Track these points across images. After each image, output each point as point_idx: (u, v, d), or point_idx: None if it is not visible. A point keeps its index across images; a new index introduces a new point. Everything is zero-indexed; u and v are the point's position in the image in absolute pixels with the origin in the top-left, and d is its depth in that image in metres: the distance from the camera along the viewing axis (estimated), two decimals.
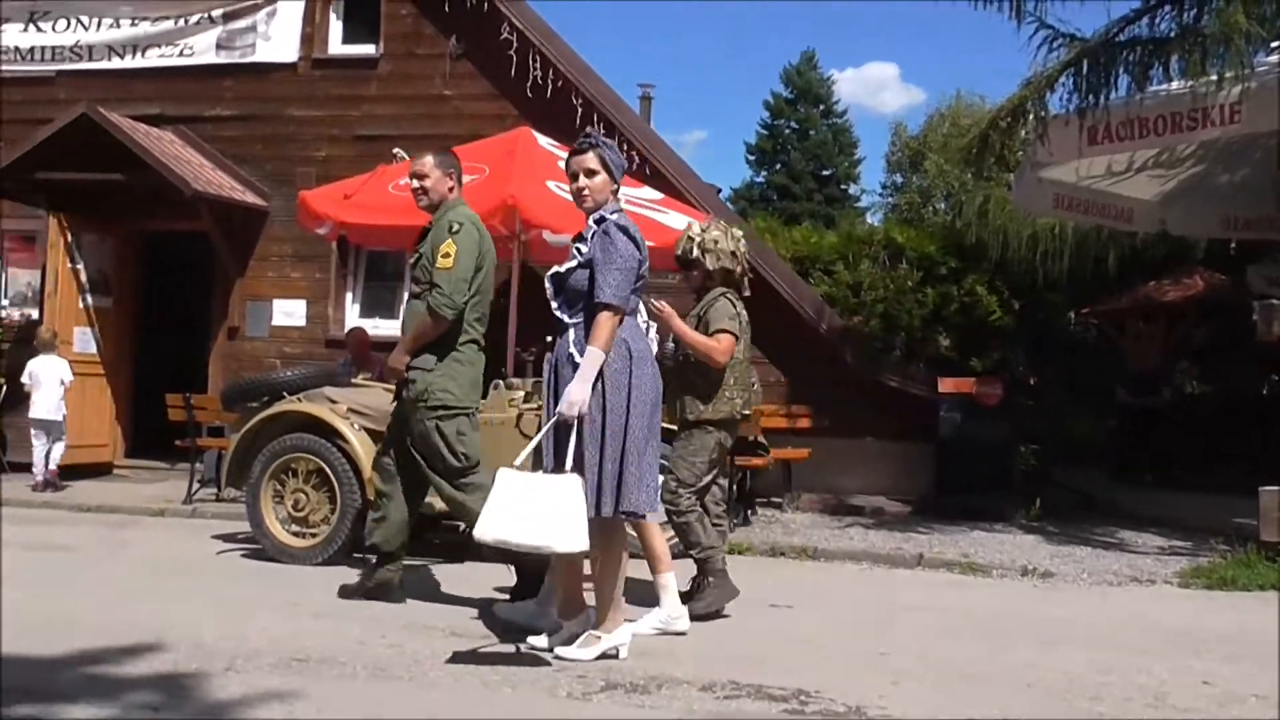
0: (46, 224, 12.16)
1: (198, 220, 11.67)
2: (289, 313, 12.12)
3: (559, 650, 4.94)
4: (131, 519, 9.48)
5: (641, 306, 5.07)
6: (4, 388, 12.23)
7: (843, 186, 42.30)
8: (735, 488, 9.34)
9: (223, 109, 12.43)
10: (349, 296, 12.14)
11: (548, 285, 5.02)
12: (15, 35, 12.96)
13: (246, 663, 4.76)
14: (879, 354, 11.57)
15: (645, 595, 5.81)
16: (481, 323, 6.07)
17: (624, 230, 4.91)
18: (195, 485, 10.42)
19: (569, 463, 4.71)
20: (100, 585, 6.55)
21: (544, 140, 9.73)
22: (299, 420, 7.70)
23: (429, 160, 5.91)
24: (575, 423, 4.74)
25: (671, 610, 5.52)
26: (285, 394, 7.85)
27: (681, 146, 56.62)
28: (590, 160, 5.02)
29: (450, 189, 5.92)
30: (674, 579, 5.58)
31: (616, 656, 4.95)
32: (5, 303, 13.12)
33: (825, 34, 60.64)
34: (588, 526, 4.60)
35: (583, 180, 5.02)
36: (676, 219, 9.26)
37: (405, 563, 6.43)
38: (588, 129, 5.42)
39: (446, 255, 5.92)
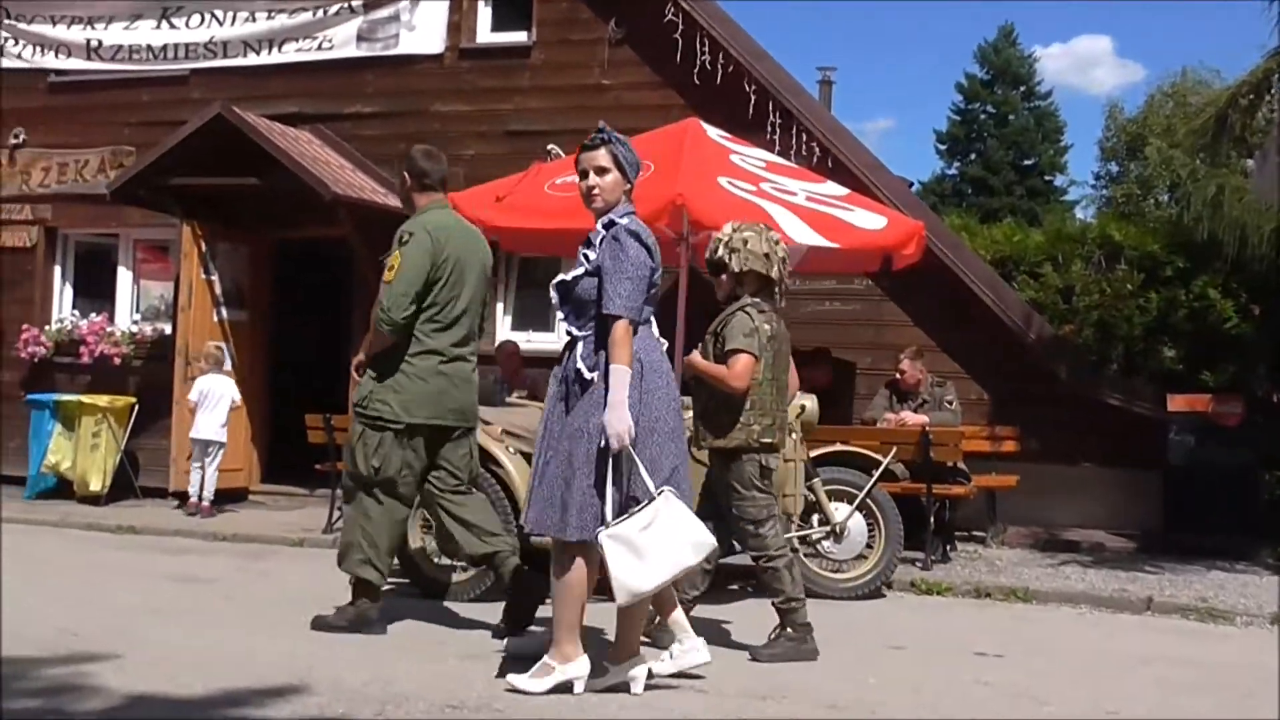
0: (179, 232, 12.66)
1: (336, 226, 12.02)
2: None
3: (510, 679, 5.07)
4: (269, 549, 9.80)
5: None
6: (135, 408, 12.78)
7: (1047, 178, 41.41)
8: (933, 520, 9.21)
9: (363, 106, 12.80)
10: (499, 307, 12.33)
11: (553, 294, 5.16)
12: (147, 33, 13.58)
13: (396, 709, 4.85)
14: (1095, 367, 11.27)
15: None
16: (449, 333, 6.28)
17: (635, 236, 5.01)
18: (336, 513, 10.71)
19: (650, 486, 4.85)
20: (239, 620, 6.77)
21: (714, 132, 9.75)
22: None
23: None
24: (632, 444, 4.86)
25: (683, 644, 5.45)
26: None
27: (864, 136, 56.20)
28: (601, 157, 5.16)
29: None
30: (680, 614, 5.54)
31: (628, 690, 5.05)
32: (137, 317, 13.74)
33: (1026, 6, 59.51)
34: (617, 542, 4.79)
35: (593, 179, 5.14)
36: (866, 218, 9.17)
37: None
38: (602, 124, 5.43)
39: (390, 268, 6.20)
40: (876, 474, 8.23)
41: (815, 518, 8.11)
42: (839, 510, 8.12)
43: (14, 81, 14.14)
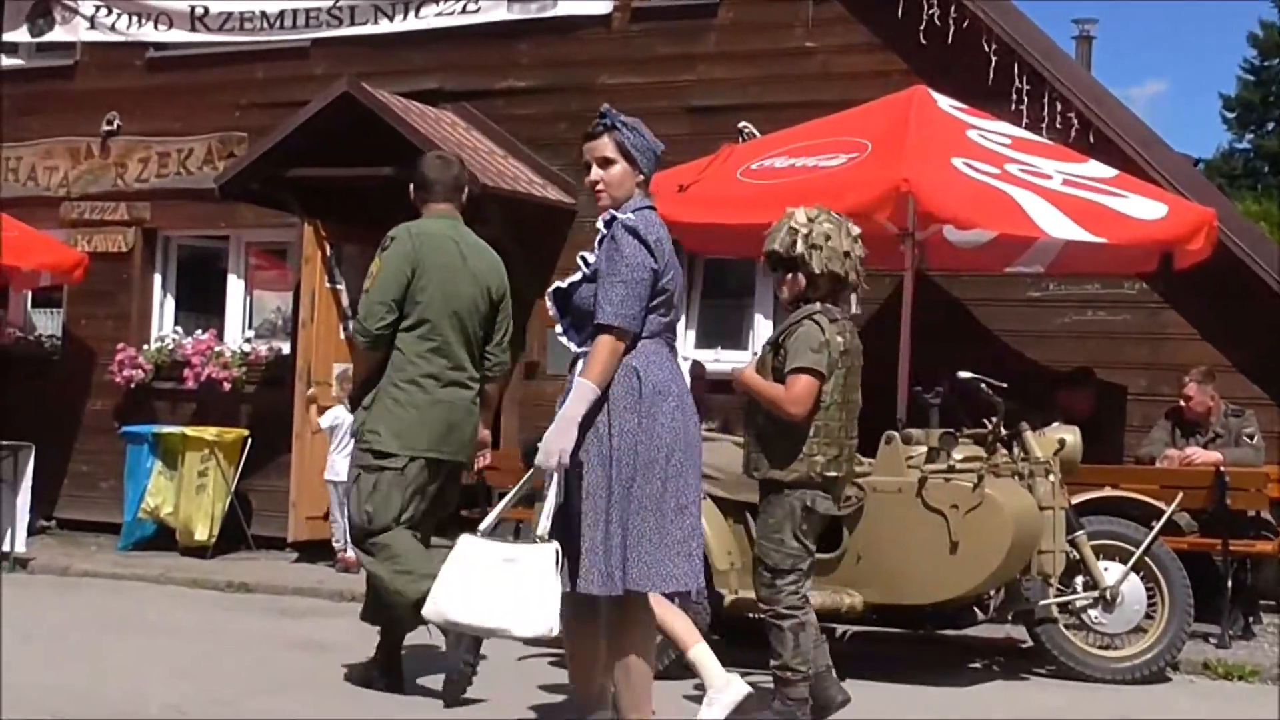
0: (300, 233, 13.04)
1: (485, 223, 12.17)
2: None
3: None
4: None
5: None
6: (248, 442, 13.18)
7: None
8: (1231, 584, 9.00)
9: (517, 80, 13.06)
10: (681, 321, 12.43)
11: (549, 304, 5.34)
12: None
13: None
14: None
15: None
16: (441, 353, 6.74)
17: (634, 233, 5.12)
18: None
19: (544, 526, 5.01)
20: (368, 695, 6.94)
21: (945, 102, 9.71)
22: None
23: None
24: (557, 476, 5.03)
25: (715, 683, 5.82)
26: None
27: (1132, 103, 54.99)
28: (604, 146, 5.33)
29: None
30: (705, 650, 5.92)
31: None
32: (250, 334, 14.19)
33: None
34: (572, 607, 5.07)
35: (596, 172, 5.30)
36: (1140, 205, 9.03)
37: None
38: (606, 107, 5.63)
39: (369, 275, 6.72)
40: (1157, 526, 8.08)
41: (1079, 580, 8.01)
42: (1109, 571, 7.99)
43: (106, 57, 14.79)
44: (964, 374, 8.21)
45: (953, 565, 7.50)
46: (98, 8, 14.70)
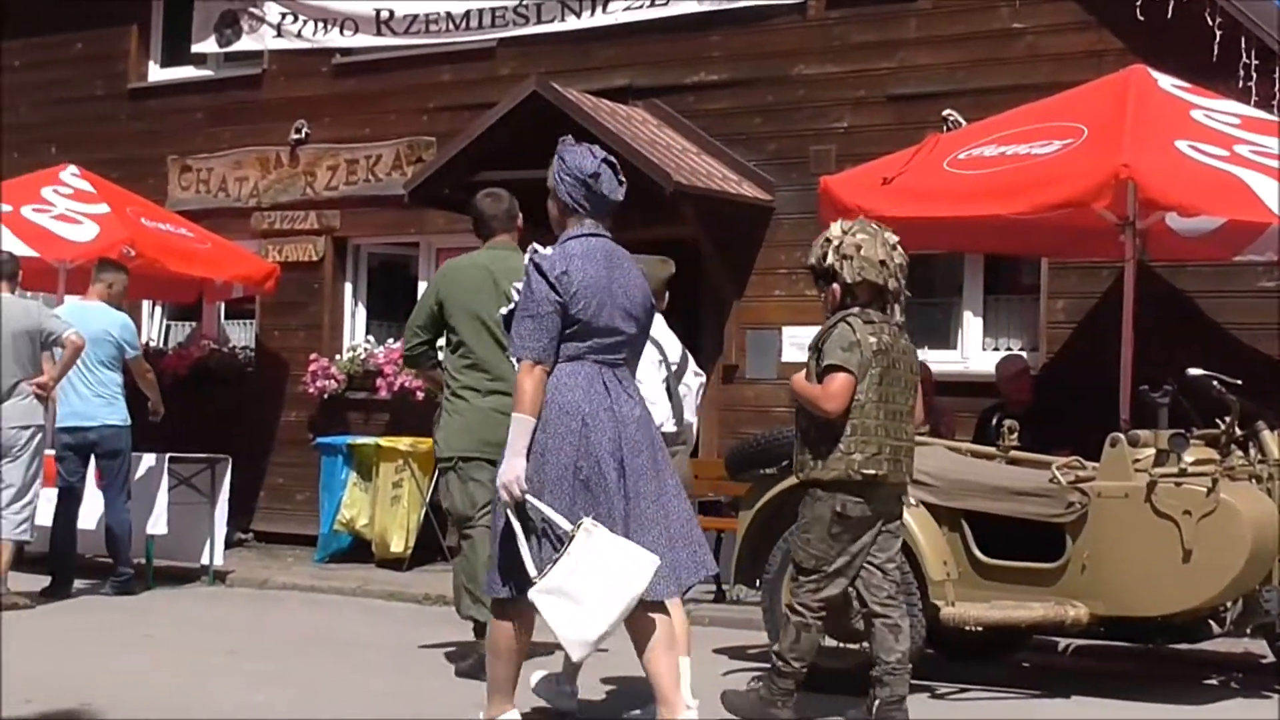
0: None
1: (679, 224, 12.21)
2: (803, 344, 12.27)
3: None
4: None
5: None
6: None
7: None
8: None
9: (708, 73, 13.01)
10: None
11: (503, 328, 6.07)
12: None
13: None
14: None
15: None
16: (478, 369, 7.84)
17: (537, 268, 5.76)
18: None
19: (566, 526, 5.60)
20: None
21: (1166, 81, 9.44)
22: None
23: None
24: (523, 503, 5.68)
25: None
26: None
27: None
28: (549, 178, 6.09)
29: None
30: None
31: None
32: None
33: None
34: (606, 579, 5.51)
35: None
36: None
37: None
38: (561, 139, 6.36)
39: None
40: None
41: None
42: None
43: (294, 65, 15.08)
44: (1194, 371, 8.01)
45: (1185, 575, 7.32)
46: (284, 15, 14.97)
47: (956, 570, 7.65)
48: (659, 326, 7.22)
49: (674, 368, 7.40)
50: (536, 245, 5.90)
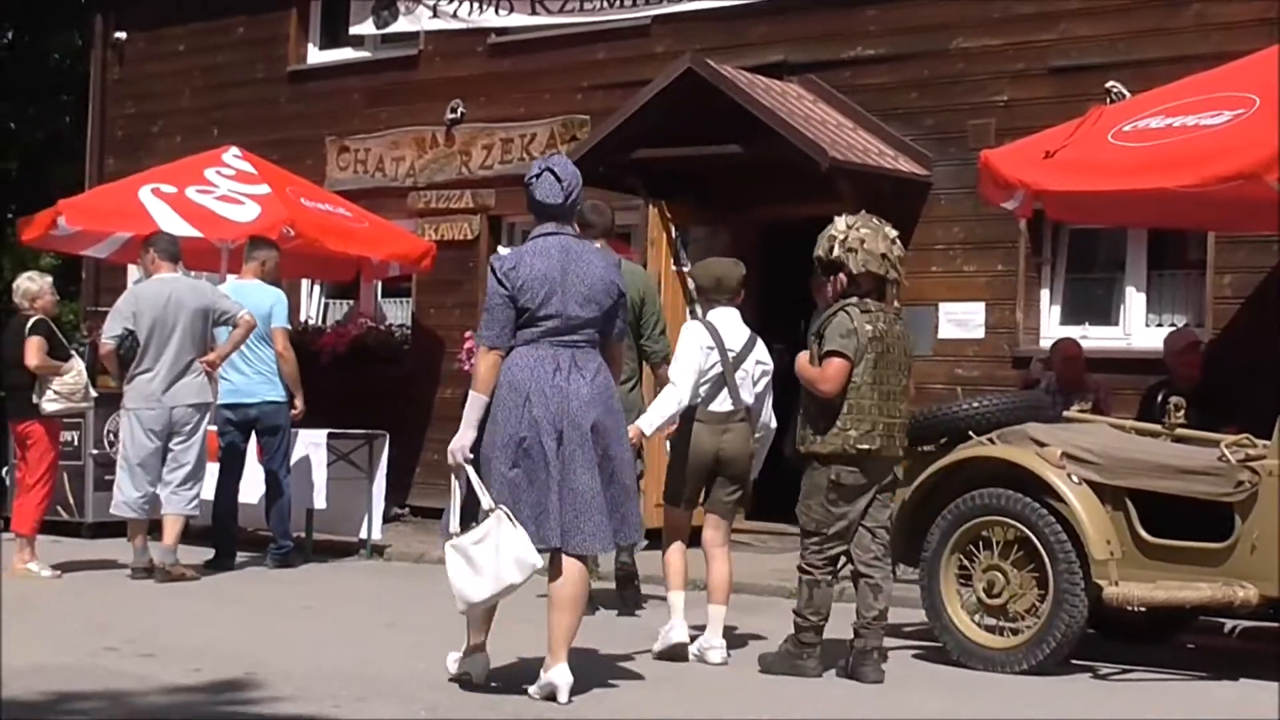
0: (644, 215, 13.21)
1: (835, 201, 12.06)
2: (961, 320, 12.31)
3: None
4: (760, 600, 10.04)
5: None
6: None
7: None
8: None
9: (864, 48, 12.91)
10: (1045, 295, 12.15)
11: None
12: None
13: None
14: None
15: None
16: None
17: (491, 266, 6.83)
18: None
19: (486, 503, 6.57)
20: (736, 693, 7.06)
21: None
22: (993, 471, 7.84)
23: None
24: (468, 470, 6.70)
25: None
26: (970, 434, 7.97)
27: None
28: None
29: None
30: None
31: (554, 698, 6.55)
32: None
33: None
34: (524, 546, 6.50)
35: None
36: None
37: None
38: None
39: None
40: None
41: None
42: None
43: (449, 46, 15.22)
44: None
45: None
46: None
47: (1120, 549, 7.54)
48: (727, 317, 8.07)
49: (731, 354, 7.94)
50: (499, 249, 6.71)
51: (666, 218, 13.02)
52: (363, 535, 12.43)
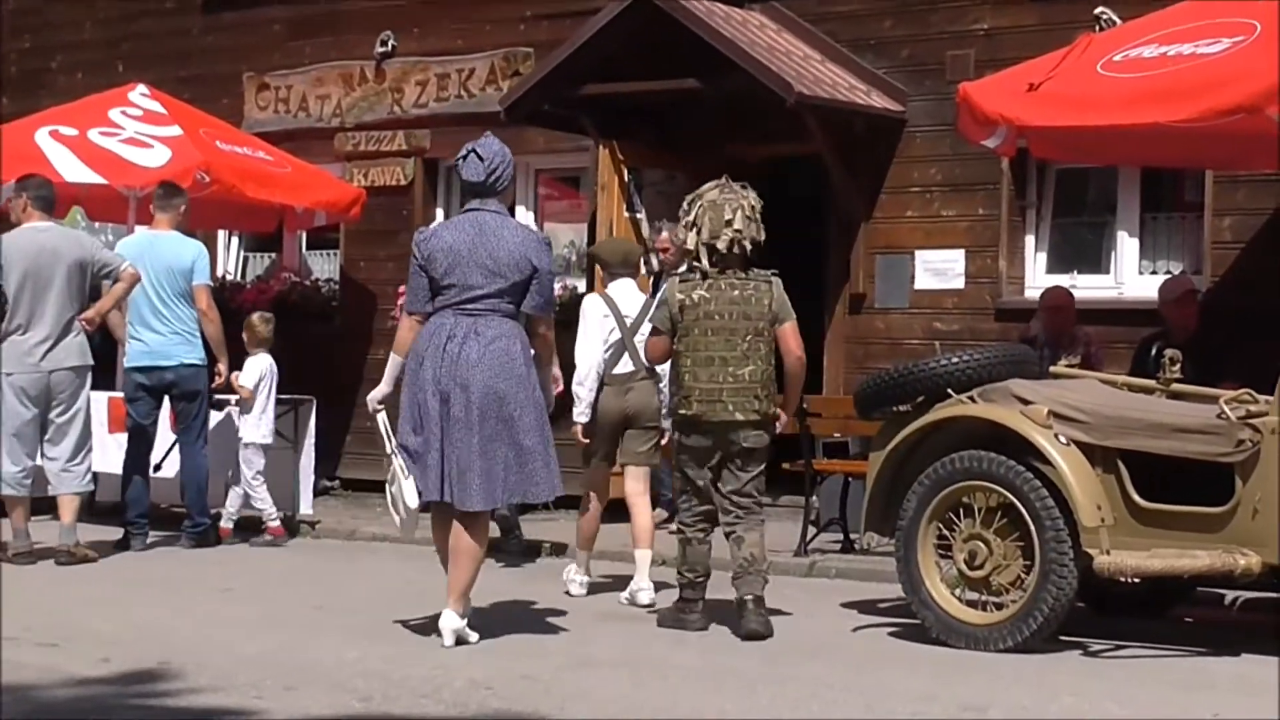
0: (594, 158, 13.15)
1: (801, 139, 12.15)
2: (939, 269, 12.34)
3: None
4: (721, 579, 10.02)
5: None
6: None
7: None
8: None
9: None
10: (1030, 242, 12.19)
11: None
12: None
13: None
14: None
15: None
16: None
17: (414, 242, 8.02)
18: (812, 530, 10.87)
19: (387, 447, 8.00)
20: (690, 676, 7.07)
21: None
22: (974, 431, 7.84)
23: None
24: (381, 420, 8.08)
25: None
26: (950, 391, 7.98)
27: None
28: None
29: None
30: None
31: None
32: None
33: None
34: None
35: None
36: None
37: None
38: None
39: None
40: None
41: None
42: None
43: None
44: None
45: None
46: None
47: (1112, 515, 7.54)
48: (624, 288, 9.45)
49: (628, 320, 9.28)
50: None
51: (619, 160, 12.96)
52: (288, 511, 12.38)
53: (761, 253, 8.28)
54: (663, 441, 9.34)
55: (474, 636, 7.69)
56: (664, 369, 8.90)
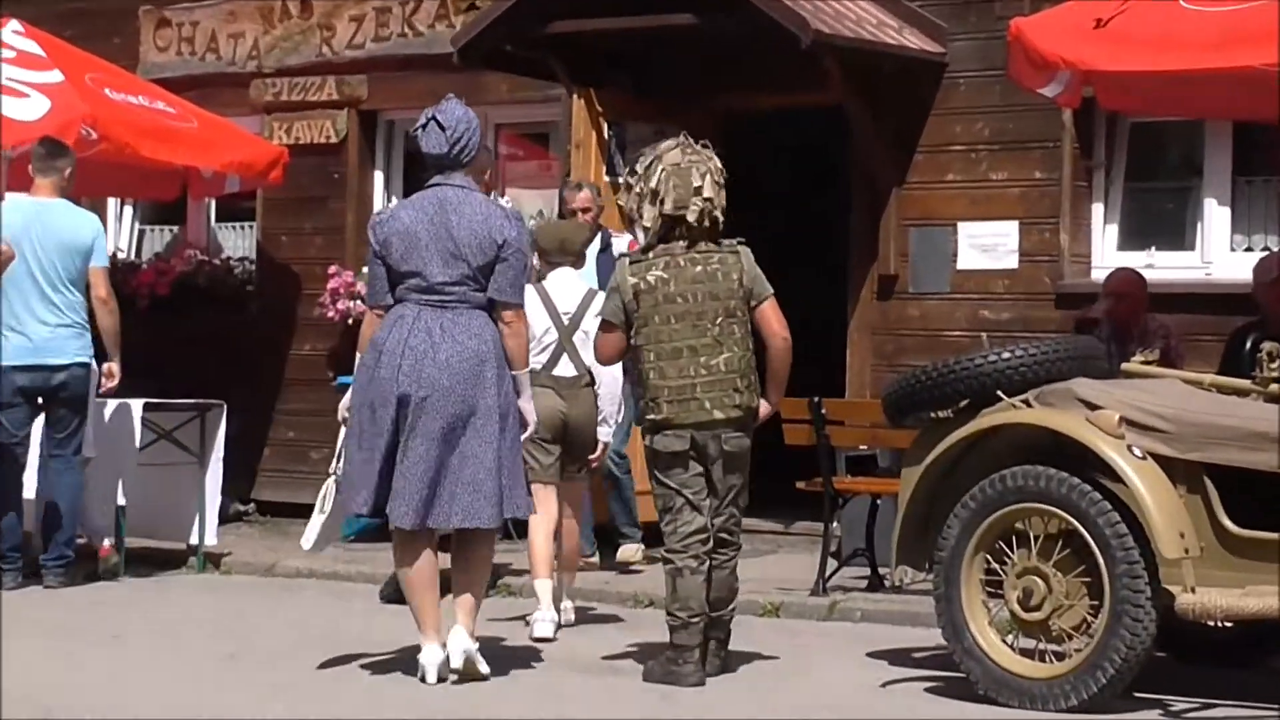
0: (567, 109, 13.14)
1: (819, 88, 12.12)
2: (988, 245, 12.34)
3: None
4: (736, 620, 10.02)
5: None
6: None
7: None
8: None
9: None
10: (1098, 212, 12.19)
11: None
12: None
13: None
14: None
15: None
16: None
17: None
18: (832, 563, 10.86)
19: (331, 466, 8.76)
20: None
21: None
22: (1029, 442, 7.84)
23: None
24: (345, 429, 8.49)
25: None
26: (1000, 394, 7.97)
27: None
28: None
29: None
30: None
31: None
32: None
33: None
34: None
35: None
36: None
37: None
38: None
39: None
40: None
41: None
42: None
43: None
44: None
45: None
46: None
47: (1198, 545, 7.54)
48: (564, 279, 9.87)
49: (566, 317, 9.65)
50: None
51: (597, 112, 12.95)
52: (192, 540, 12.35)
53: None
54: (593, 457, 9.87)
55: (485, 668, 8.04)
56: (609, 375, 9.58)
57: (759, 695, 8.06)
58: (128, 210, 16.14)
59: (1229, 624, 7.76)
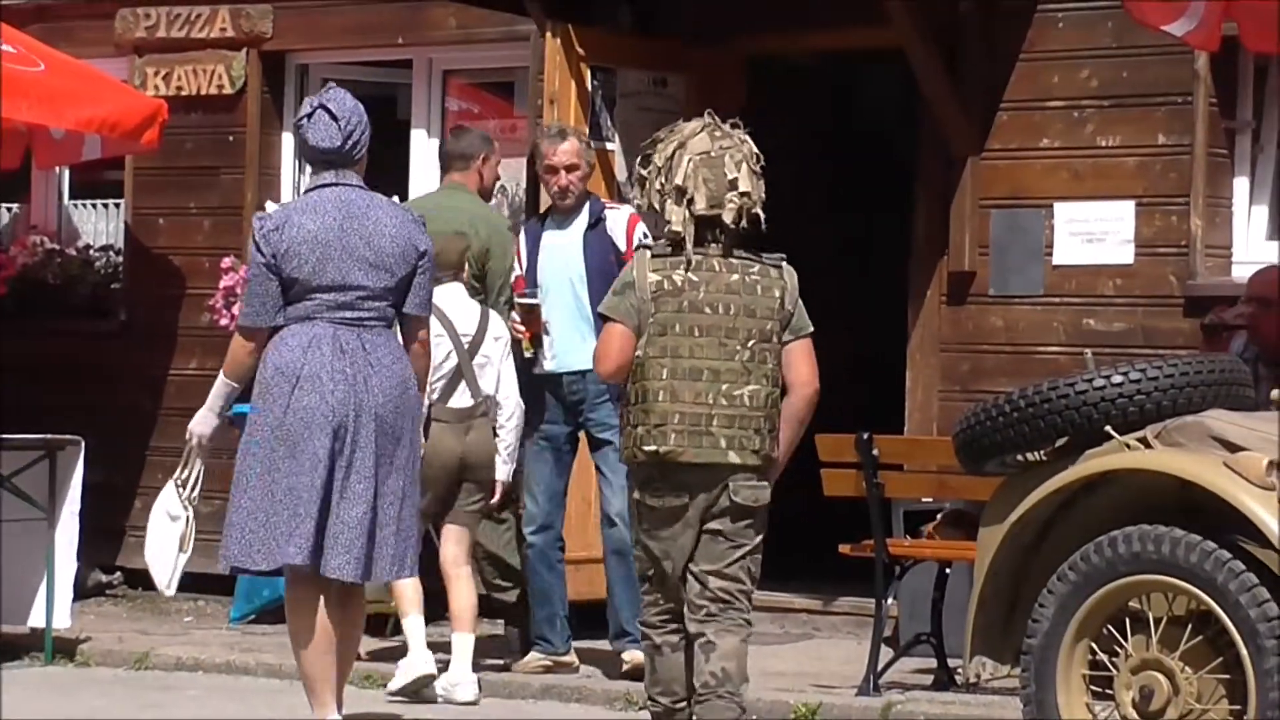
0: (537, 52, 13.21)
1: (874, 24, 12.19)
2: (1094, 233, 12.38)
3: None
4: None
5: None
6: None
7: None
8: None
9: None
10: (1241, 189, 12.30)
11: None
12: None
13: None
14: None
15: None
16: None
17: (254, 230, 8.93)
18: (888, 652, 10.88)
19: (183, 493, 9.40)
20: None
21: None
22: (1149, 494, 7.89)
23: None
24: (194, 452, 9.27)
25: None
26: (1110, 430, 7.99)
27: None
28: None
29: None
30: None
31: None
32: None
33: None
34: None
35: None
36: None
37: None
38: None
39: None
40: None
41: None
42: None
43: None
44: None
45: None
46: None
47: None
48: (453, 295, 10.77)
49: (466, 340, 10.69)
50: (266, 204, 8.45)
51: (578, 55, 12.99)
52: (37, 622, 12.37)
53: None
54: (494, 498, 11.08)
55: None
56: (512, 401, 10.88)
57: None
58: None
59: None
